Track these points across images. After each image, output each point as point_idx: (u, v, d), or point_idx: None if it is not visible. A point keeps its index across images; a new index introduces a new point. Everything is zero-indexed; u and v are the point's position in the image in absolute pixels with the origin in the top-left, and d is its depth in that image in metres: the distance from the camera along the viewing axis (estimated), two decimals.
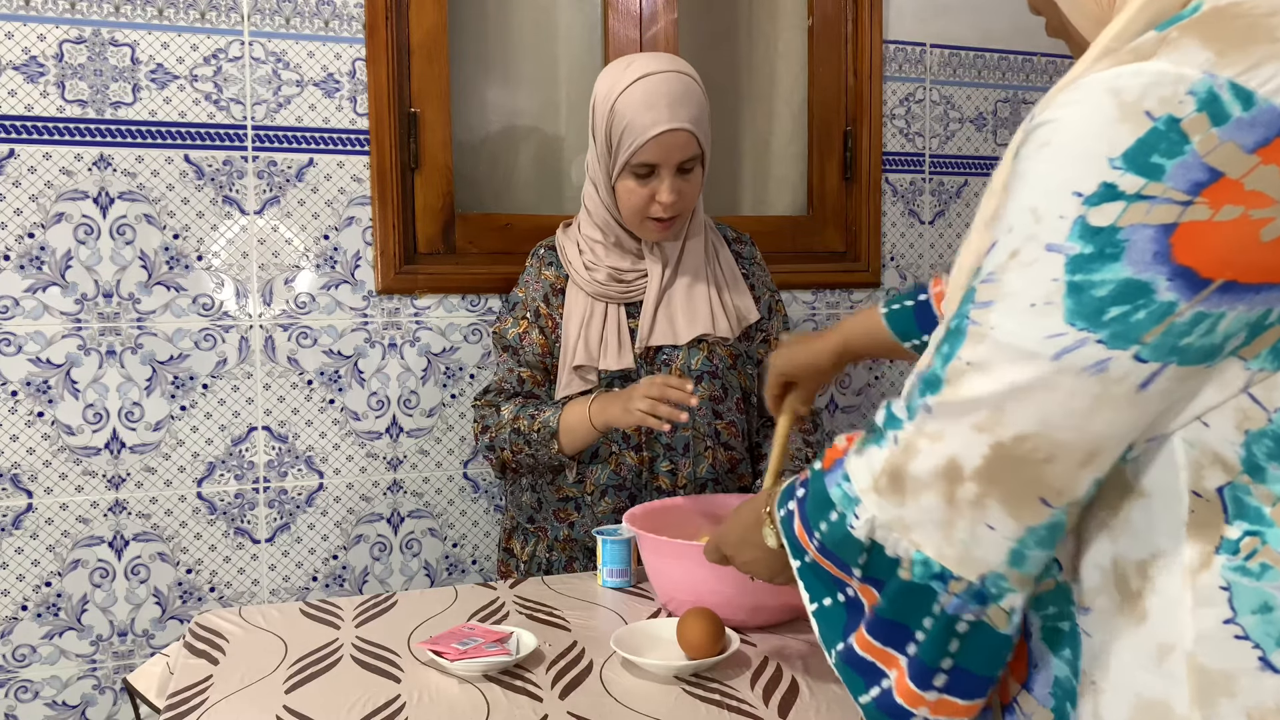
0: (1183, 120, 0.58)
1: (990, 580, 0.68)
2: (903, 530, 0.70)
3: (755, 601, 1.25)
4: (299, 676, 1.14)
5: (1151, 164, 0.58)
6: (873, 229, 2.22)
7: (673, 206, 1.49)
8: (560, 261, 1.61)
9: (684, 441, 1.56)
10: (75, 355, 1.71)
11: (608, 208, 1.55)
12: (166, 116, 1.74)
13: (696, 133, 1.47)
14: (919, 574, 0.69)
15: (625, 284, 1.57)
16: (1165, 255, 0.59)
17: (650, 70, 1.47)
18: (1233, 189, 0.57)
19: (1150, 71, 0.59)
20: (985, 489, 0.66)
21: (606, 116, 1.49)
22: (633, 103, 1.45)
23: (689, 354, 1.57)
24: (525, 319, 1.60)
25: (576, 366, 1.55)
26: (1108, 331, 0.61)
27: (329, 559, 1.89)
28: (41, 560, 1.72)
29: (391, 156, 1.86)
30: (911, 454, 0.69)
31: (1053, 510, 0.66)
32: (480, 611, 1.36)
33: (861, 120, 2.21)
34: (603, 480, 1.56)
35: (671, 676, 1.12)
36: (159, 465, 1.77)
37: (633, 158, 1.47)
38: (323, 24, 1.82)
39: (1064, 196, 0.61)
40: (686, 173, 1.50)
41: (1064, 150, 0.62)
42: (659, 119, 1.44)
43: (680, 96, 1.46)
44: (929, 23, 2.24)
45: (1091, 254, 0.60)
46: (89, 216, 1.71)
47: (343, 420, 1.88)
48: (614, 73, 1.51)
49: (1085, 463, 0.65)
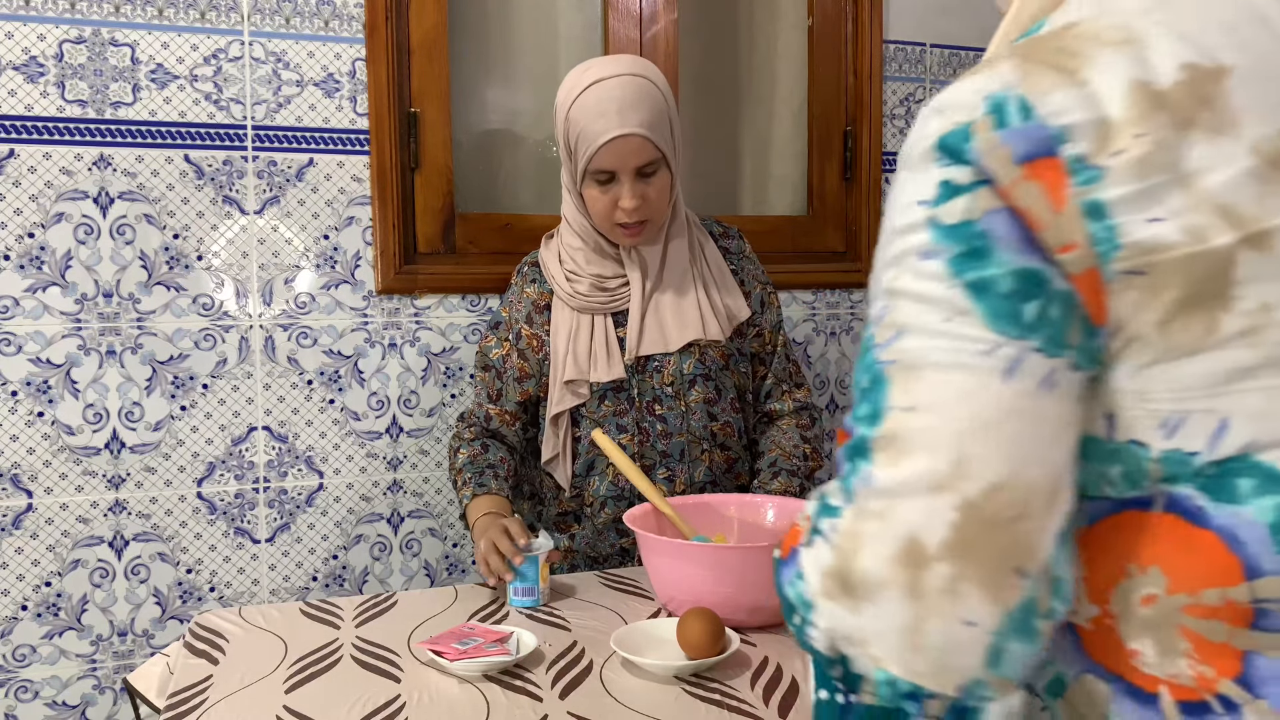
0: (973, 122, 0.58)
1: (970, 690, 0.58)
2: (861, 644, 0.58)
3: (755, 601, 1.25)
4: (299, 676, 1.14)
5: (963, 155, 0.58)
6: (873, 229, 2.22)
7: (636, 212, 1.46)
8: (544, 277, 1.60)
9: (680, 448, 1.56)
10: (75, 355, 1.71)
11: (582, 214, 1.54)
12: (166, 116, 1.74)
13: (651, 136, 1.44)
14: (885, 695, 0.59)
15: (609, 293, 1.55)
16: (1030, 240, 0.57)
17: (603, 75, 1.44)
18: (1003, 194, 0.57)
19: (968, 86, 0.60)
20: (959, 568, 0.55)
21: (564, 124, 1.47)
22: (585, 109, 1.43)
23: (680, 359, 1.55)
24: (507, 341, 1.61)
25: (568, 381, 1.53)
26: (1039, 336, 0.56)
27: (329, 559, 1.89)
28: (41, 560, 1.72)
29: (391, 156, 1.86)
30: (857, 545, 0.57)
31: (1025, 583, 0.56)
32: (480, 611, 1.36)
33: (861, 120, 2.21)
34: (602, 492, 1.56)
35: (671, 676, 1.12)
36: (159, 465, 1.77)
37: (589, 165, 1.45)
38: (323, 24, 1.82)
39: (913, 208, 0.60)
40: (648, 176, 1.47)
41: (903, 167, 0.62)
42: (609, 125, 1.42)
43: (632, 101, 1.43)
44: (929, 23, 2.25)
45: (964, 251, 0.57)
46: (89, 216, 1.71)
47: (343, 420, 1.88)
48: (571, 79, 1.49)
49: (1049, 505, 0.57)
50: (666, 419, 1.54)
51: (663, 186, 1.49)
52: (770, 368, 1.64)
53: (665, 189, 1.50)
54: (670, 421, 1.55)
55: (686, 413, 1.56)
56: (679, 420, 1.55)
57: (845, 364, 2.24)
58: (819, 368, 2.21)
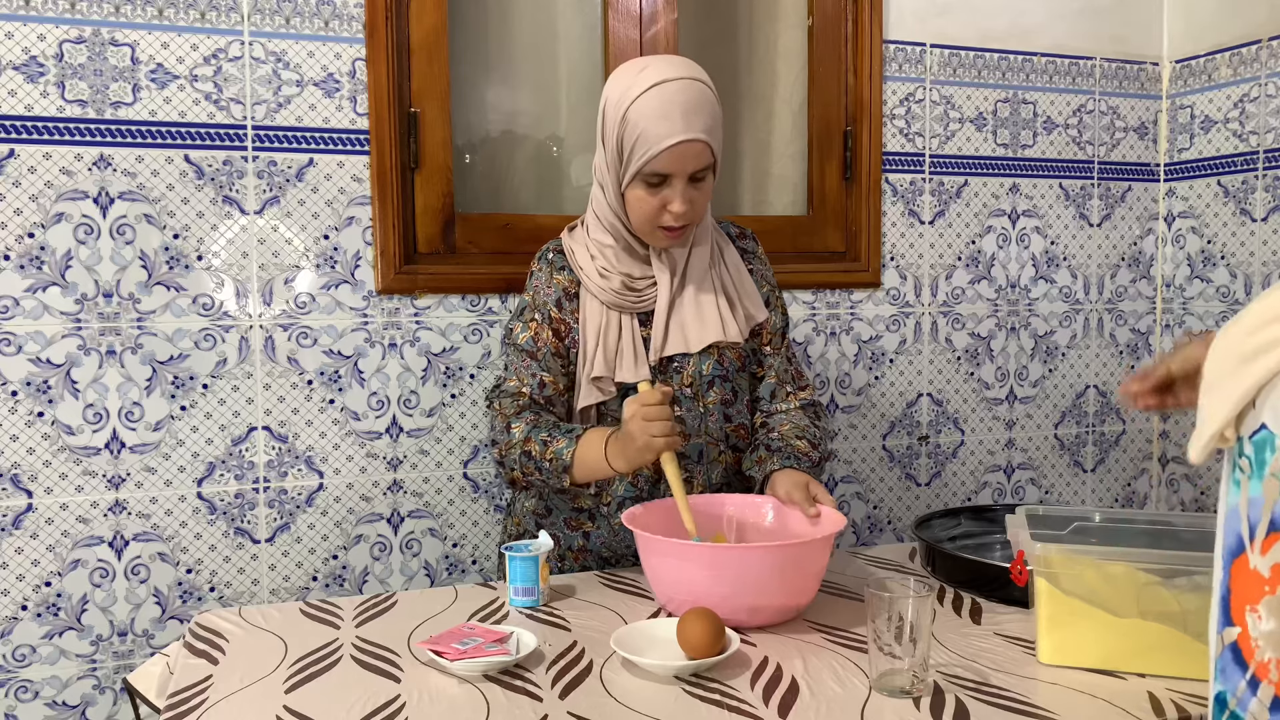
0: None
1: None
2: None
3: (755, 601, 1.25)
4: (299, 676, 1.14)
5: None
6: (873, 229, 2.22)
7: (685, 216, 1.46)
8: (571, 265, 1.57)
9: (699, 449, 1.56)
10: (75, 355, 1.71)
11: (616, 213, 1.52)
12: (166, 116, 1.74)
13: (711, 142, 1.44)
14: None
15: (638, 293, 1.54)
16: None
17: (665, 77, 1.42)
18: None
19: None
20: None
21: (618, 124, 1.45)
22: (647, 111, 1.41)
23: (700, 360, 1.55)
24: (535, 320, 1.55)
25: (595, 378, 1.52)
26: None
27: (329, 559, 1.89)
28: (41, 560, 1.72)
29: (391, 156, 1.86)
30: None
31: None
32: (480, 611, 1.36)
33: (861, 120, 2.22)
34: (620, 493, 1.55)
35: (671, 676, 1.12)
36: (159, 465, 1.77)
37: (645, 167, 1.43)
38: (323, 24, 1.82)
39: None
40: (698, 181, 1.46)
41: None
42: (674, 129, 1.40)
43: (695, 105, 1.42)
44: (929, 23, 2.25)
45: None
46: (89, 216, 1.71)
47: (343, 420, 1.88)
48: (626, 77, 1.46)
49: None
50: (685, 420, 1.54)
51: (708, 192, 1.49)
52: (772, 368, 1.64)
53: (709, 194, 1.50)
54: (689, 423, 1.54)
55: (704, 414, 1.55)
56: (697, 422, 1.55)
57: (845, 364, 2.24)
58: (819, 368, 2.21)
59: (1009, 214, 2.36)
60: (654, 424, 1.36)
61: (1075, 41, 2.36)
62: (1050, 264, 2.41)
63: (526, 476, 1.51)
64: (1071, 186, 2.42)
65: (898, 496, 2.32)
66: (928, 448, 2.34)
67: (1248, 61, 2.27)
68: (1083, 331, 2.46)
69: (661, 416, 1.37)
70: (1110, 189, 2.46)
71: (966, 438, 2.37)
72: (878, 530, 2.31)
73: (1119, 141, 2.45)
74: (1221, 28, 2.34)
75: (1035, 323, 2.41)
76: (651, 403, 1.37)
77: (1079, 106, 2.40)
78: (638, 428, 1.37)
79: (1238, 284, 2.32)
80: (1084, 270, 2.44)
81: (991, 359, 2.38)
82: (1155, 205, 2.50)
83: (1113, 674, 1.14)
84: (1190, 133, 2.42)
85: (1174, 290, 2.48)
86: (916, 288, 2.29)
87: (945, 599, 1.41)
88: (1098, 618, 1.14)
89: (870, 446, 2.29)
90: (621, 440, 1.41)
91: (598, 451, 1.43)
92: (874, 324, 2.26)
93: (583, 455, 1.44)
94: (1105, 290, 2.47)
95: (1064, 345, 2.44)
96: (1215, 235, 2.37)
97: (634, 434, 1.37)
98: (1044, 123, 2.37)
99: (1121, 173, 2.46)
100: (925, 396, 2.32)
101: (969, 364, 2.35)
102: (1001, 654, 1.20)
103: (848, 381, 2.25)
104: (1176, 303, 2.48)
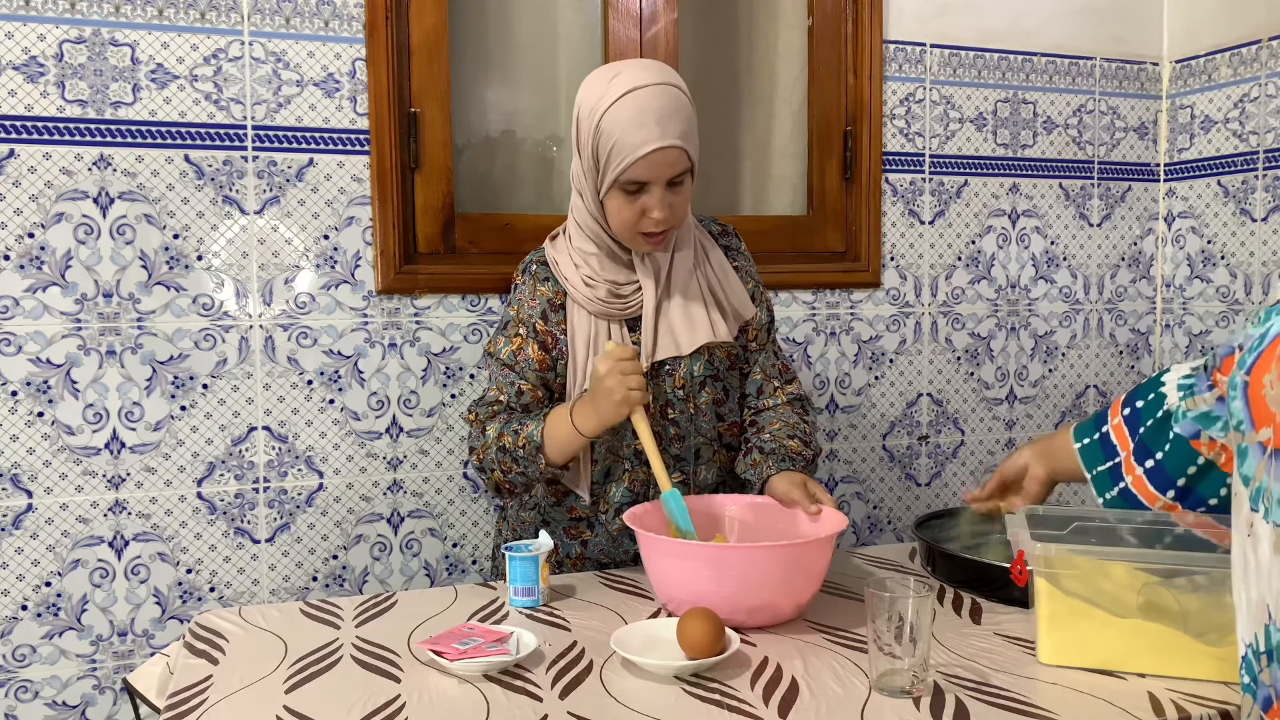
0: None
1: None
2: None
3: (755, 602, 1.25)
4: (299, 676, 1.14)
5: None
6: (873, 229, 2.22)
7: (665, 221, 1.45)
8: (555, 276, 1.56)
9: (694, 449, 1.56)
10: (75, 355, 1.71)
11: (596, 220, 1.51)
12: (166, 116, 1.74)
13: (686, 147, 1.43)
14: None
15: (624, 300, 1.53)
16: None
17: (637, 84, 1.41)
18: None
19: None
20: None
21: (592, 133, 1.44)
22: (620, 119, 1.40)
23: (690, 362, 1.55)
24: (519, 335, 1.54)
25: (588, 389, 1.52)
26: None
27: (329, 559, 1.89)
28: (41, 560, 1.72)
29: (391, 156, 1.86)
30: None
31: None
32: (480, 611, 1.36)
33: (861, 120, 2.22)
34: (617, 498, 1.55)
35: (671, 676, 1.12)
36: (159, 465, 1.77)
37: (622, 176, 1.42)
38: (323, 24, 1.82)
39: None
40: (677, 186, 1.45)
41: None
42: (649, 137, 1.39)
43: (669, 111, 1.41)
44: (929, 23, 2.25)
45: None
46: (89, 216, 1.71)
47: (343, 420, 1.88)
48: (598, 85, 1.44)
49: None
50: (679, 422, 1.54)
51: (687, 196, 1.48)
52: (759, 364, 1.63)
53: (688, 198, 1.49)
54: (681, 425, 1.54)
55: (696, 414, 1.55)
56: (689, 423, 1.55)
57: (845, 364, 2.24)
58: (819, 367, 2.21)
59: (1009, 214, 2.36)
60: (631, 377, 1.38)
61: (1075, 42, 2.36)
62: (1050, 264, 2.41)
63: (506, 475, 1.50)
64: (1071, 186, 2.42)
65: (898, 496, 2.32)
66: (928, 448, 2.34)
67: (1248, 61, 2.27)
68: (1083, 331, 2.46)
69: (636, 370, 1.38)
70: (1110, 189, 2.46)
71: (966, 438, 2.37)
72: (878, 530, 2.31)
73: (1119, 141, 2.45)
74: (1221, 28, 2.34)
75: (1035, 323, 2.41)
76: (626, 357, 1.38)
77: (1079, 106, 2.40)
78: (616, 382, 1.38)
79: (1237, 284, 2.32)
80: (1084, 270, 2.45)
81: (991, 359, 2.38)
82: (1155, 205, 2.50)
83: (1113, 674, 1.14)
84: (1190, 133, 2.42)
85: (1174, 290, 2.48)
86: (916, 288, 2.29)
87: (945, 599, 1.41)
88: (1098, 618, 1.14)
89: (870, 446, 2.29)
90: (590, 400, 1.41)
91: (564, 421, 1.44)
92: (874, 324, 2.26)
93: (551, 431, 1.45)
94: (1105, 290, 2.47)
95: (1064, 345, 2.44)
96: (1215, 235, 2.37)
97: (612, 389, 1.38)
98: (1044, 123, 2.37)
99: (1121, 173, 2.46)
100: (925, 396, 2.32)
101: (969, 364, 2.35)
102: (1001, 654, 1.20)
103: (848, 381, 2.25)
104: (1176, 303, 2.48)
